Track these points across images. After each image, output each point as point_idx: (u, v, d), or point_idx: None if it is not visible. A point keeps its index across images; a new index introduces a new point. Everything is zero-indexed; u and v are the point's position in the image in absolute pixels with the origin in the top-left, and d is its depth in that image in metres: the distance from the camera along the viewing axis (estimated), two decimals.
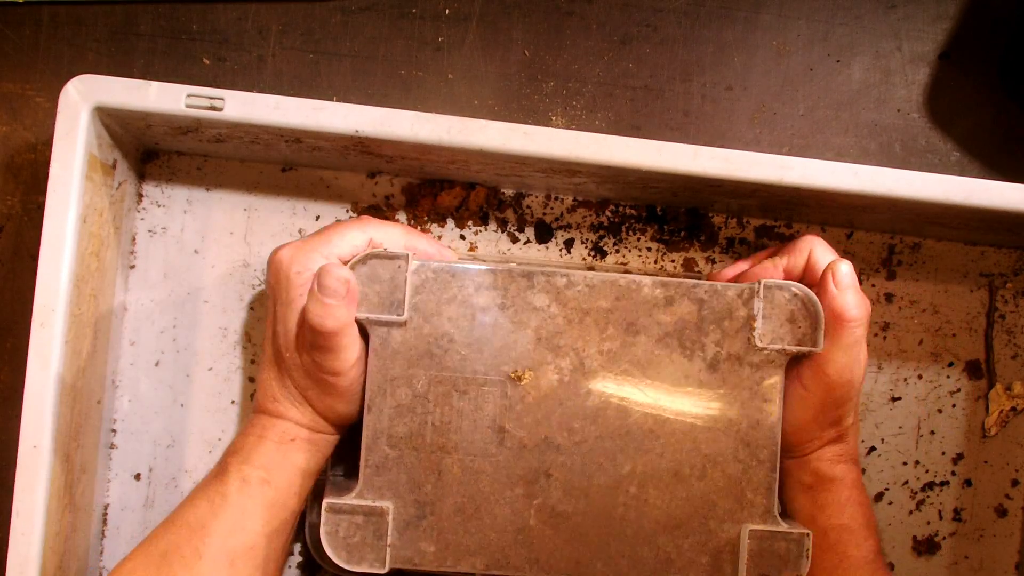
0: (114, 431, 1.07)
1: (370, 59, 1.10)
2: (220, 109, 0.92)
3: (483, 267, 0.92)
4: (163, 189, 1.07)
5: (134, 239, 1.07)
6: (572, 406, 0.92)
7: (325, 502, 0.90)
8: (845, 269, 0.91)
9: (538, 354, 0.92)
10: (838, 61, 1.13)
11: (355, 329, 0.89)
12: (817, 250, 0.95)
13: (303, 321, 0.89)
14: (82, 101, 0.91)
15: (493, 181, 1.07)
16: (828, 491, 0.97)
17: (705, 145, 0.94)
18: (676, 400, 0.93)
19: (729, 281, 1.00)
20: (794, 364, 0.95)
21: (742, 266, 1.02)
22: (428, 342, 0.91)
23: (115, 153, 0.98)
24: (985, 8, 1.13)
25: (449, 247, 1.03)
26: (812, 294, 0.93)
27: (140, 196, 1.07)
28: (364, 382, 0.92)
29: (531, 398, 0.92)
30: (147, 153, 1.07)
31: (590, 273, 0.93)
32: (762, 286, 0.93)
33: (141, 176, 1.07)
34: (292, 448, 0.94)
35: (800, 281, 0.96)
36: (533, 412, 0.92)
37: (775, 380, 0.94)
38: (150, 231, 1.07)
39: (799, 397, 0.95)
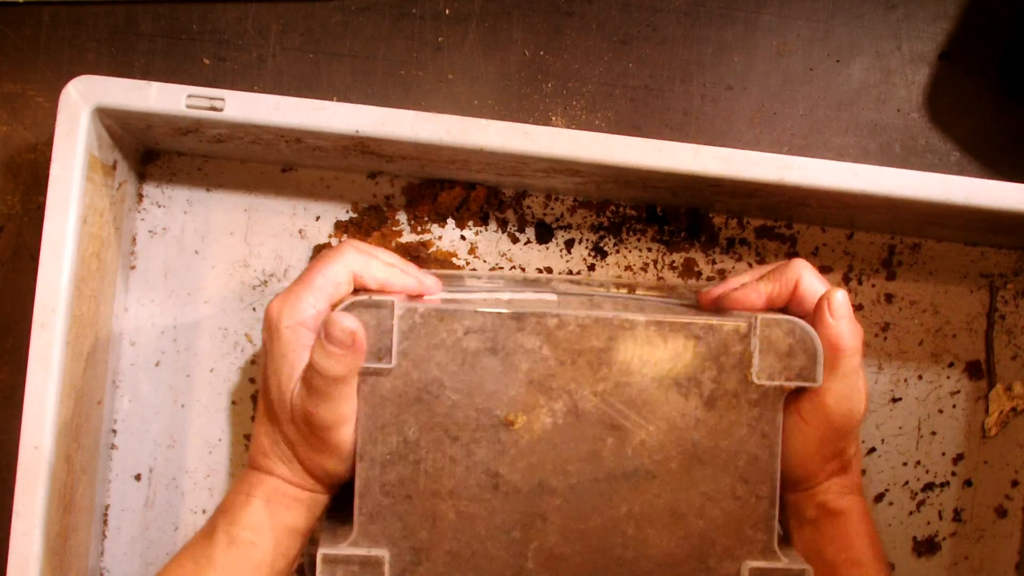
0: (114, 431, 1.07)
1: (370, 59, 1.10)
2: (220, 110, 0.92)
3: (471, 309, 0.89)
4: (163, 189, 1.07)
5: (134, 240, 1.07)
6: (567, 449, 0.90)
7: (320, 552, 0.89)
8: (841, 299, 0.90)
9: (531, 397, 0.90)
10: (838, 61, 1.13)
11: (355, 382, 0.88)
12: (806, 278, 0.94)
13: (301, 374, 0.88)
14: (83, 102, 0.91)
15: (494, 181, 1.07)
16: (836, 524, 0.95)
17: (705, 145, 0.94)
18: (673, 439, 0.91)
19: (713, 301, 0.99)
20: (792, 398, 0.93)
21: (732, 284, 0.99)
22: (418, 388, 0.89)
23: (115, 154, 0.98)
24: (985, 8, 1.13)
25: (433, 271, 1.01)
26: (810, 329, 0.91)
27: (140, 196, 1.07)
28: (355, 439, 0.90)
29: (524, 442, 0.90)
30: (147, 153, 1.07)
31: (582, 313, 0.91)
32: (759, 322, 0.91)
33: (141, 176, 1.07)
34: (280, 507, 0.92)
35: (784, 308, 0.96)
36: (527, 456, 0.90)
37: (773, 415, 0.92)
38: (150, 231, 1.07)
39: (799, 430, 0.93)
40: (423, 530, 0.90)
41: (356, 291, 0.93)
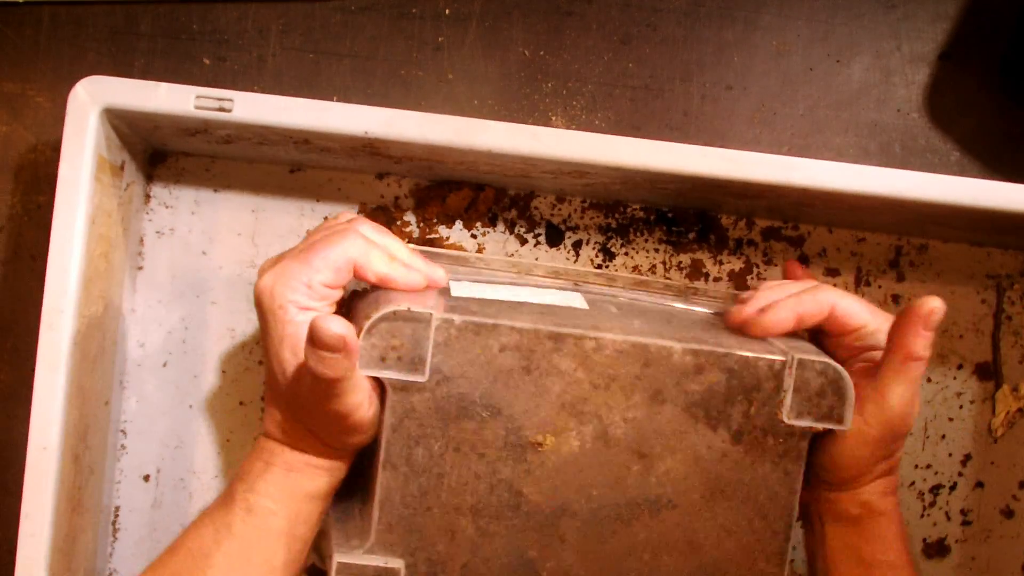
0: (122, 432, 1.07)
1: (370, 59, 1.10)
2: (229, 110, 0.92)
3: (508, 324, 0.87)
4: (171, 190, 1.07)
5: (142, 240, 1.07)
6: (592, 473, 0.89)
7: (336, 560, 0.87)
8: (940, 310, 0.88)
9: (561, 420, 0.88)
10: (838, 61, 1.13)
11: (357, 374, 0.84)
12: (842, 303, 0.93)
13: (301, 364, 0.86)
14: (91, 103, 0.91)
15: (501, 182, 1.07)
16: (877, 524, 0.95)
17: (705, 145, 0.94)
18: (697, 470, 0.90)
19: (742, 323, 0.95)
20: (857, 396, 0.91)
21: (760, 301, 0.95)
22: (448, 403, 0.87)
23: (123, 154, 0.98)
24: (985, 8, 1.14)
25: (441, 257, 0.99)
26: (844, 372, 0.89)
27: (148, 197, 1.07)
28: (377, 417, 0.88)
29: (551, 464, 0.89)
30: (155, 154, 1.07)
31: (619, 337, 0.88)
32: (795, 361, 0.89)
33: (149, 177, 1.07)
34: (302, 476, 0.91)
35: (816, 329, 0.96)
36: (552, 478, 0.89)
37: (798, 453, 0.91)
38: (158, 232, 1.07)
39: (858, 431, 0.90)
40: (440, 543, 0.89)
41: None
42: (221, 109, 0.92)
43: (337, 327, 0.79)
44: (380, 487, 0.88)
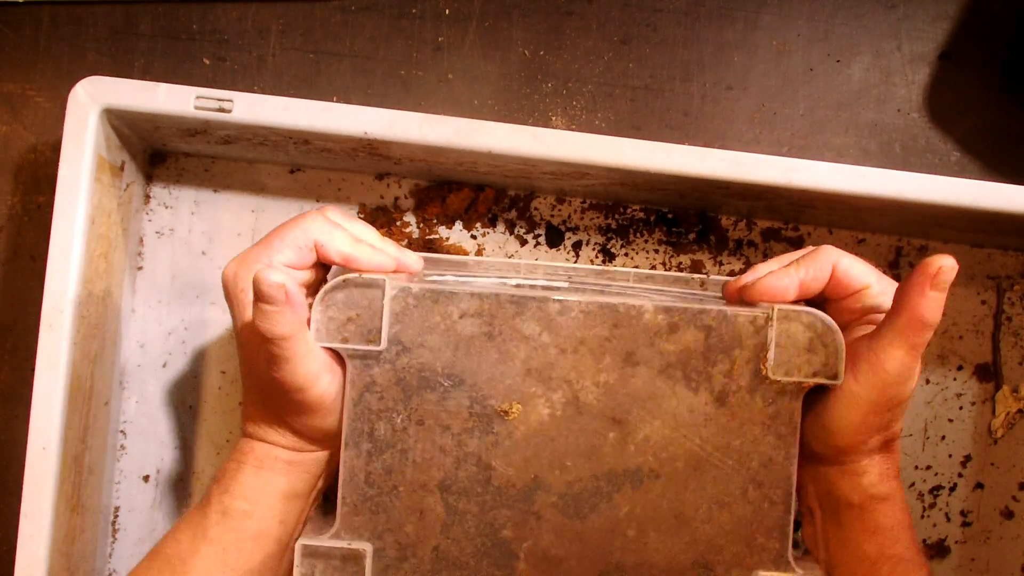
0: (122, 432, 1.07)
1: (370, 59, 1.10)
2: (229, 111, 0.92)
3: (467, 290, 0.85)
4: (171, 190, 1.07)
5: (142, 240, 1.07)
6: (564, 442, 0.86)
7: (299, 543, 0.86)
8: (951, 268, 0.82)
9: (527, 386, 0.86)
10: (838, 61, 1.13)
11: (308, 336, 0.83)
12: (843, 261, 0.88)
13: (259, 337, 0.83)
14: (91, 103, 0.91)
15: (501, 183, 1.07)
16: (879, 512, 0.89)
17: (705, 145, 0.95)
18: (679, 436, 0.86)
19: (739, 292, 0.91)
20: (851, 358, 0.86)
21: (760, 271, 0.91)
22: (408, 373, 0.85)
23: (123, 155, 0.98)
24: (985, 8, 1.14)
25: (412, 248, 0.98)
26: (832, 323, 0.85)
27: (148, 197, 1.07)
28: (340, 395, 0.87)
29: (520, 434, 0.86)
30: (155, 154, 1.07)
31: (585, 298, 0.86)
32: (775, 313, 0.85)
33: (149, 178, 1.07)
34: (272, 472, 0.89)
35: (820, 295, 0.90)
36: (522, 449, 0.86)
37: (790, 414, 0.86)
38: (158, 232, 1.07)
39: (850, 392, 0.85)
40: (409, 524, 0.86)
41: (318, 265, 0.90)
42: (221, 110, 0.92)
43: (277, 276, 0.78)
44: (343, 467, 0.86)
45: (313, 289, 0.92)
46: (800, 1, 1.13)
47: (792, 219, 1.10)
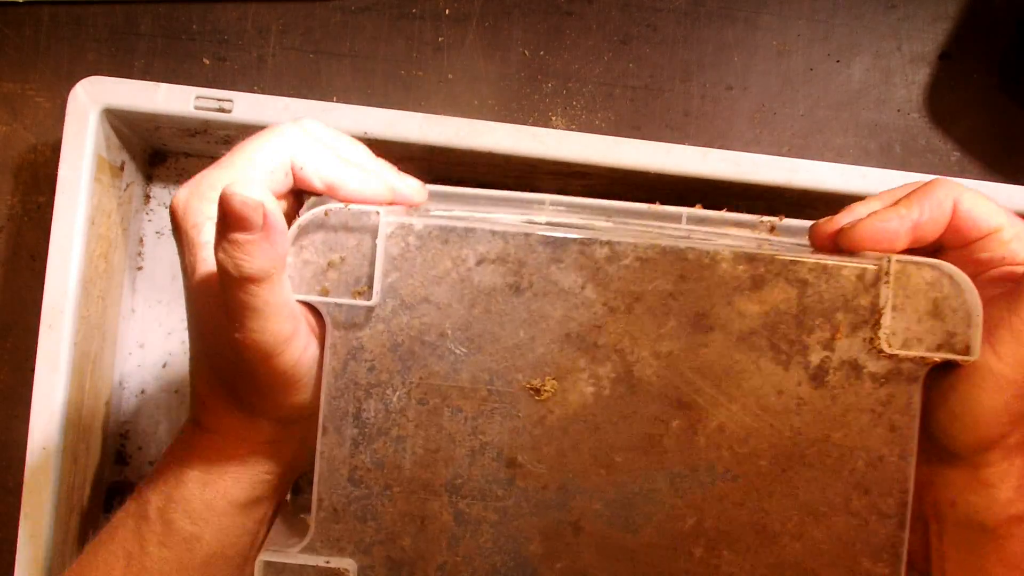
0: (122, 433, 1.06)
1: (370, 59, 1.10)
2: (229, 111, 0.92)
3: (487, 228, 0.66)
4: (171, 191, 1.07)
5: (141, 241, 1.07)
6: (613, 432, 0.67)
7: (260, 559, 0.67)
8: None
9: (566, 357, 0.66)
10: (838, 61, 1.13)
11: (286, 282, 0.63)
12: (967, 199, 0.68)
13: (215, 287, 0.63)
14: (91, 103, 0.91)
15: (501, 183, 1.07)
16: (1021, 540, 0.68)
17: (705, 145, 0.94)
18: (764, 425, 0.67)
19: (833, 236, 0.71)
20: (986, 325, 0.66)
21: (859, 211, 0.71)
22: (408, 337, 0.66)
23: (123, 155, 0.98)
24: (985, 8, 1.14)
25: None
26: (965, 278, 0.66)
27: (148, 198, 1.07)
28: (318, 363, 0.67)
29: (555, 419, 0.67)
30: (155, 155, 1.07)
31: (643, 241, 0.67)
32: (893, 265, 0.66)
33: (149, 178, 1.07)
34: (223, 479, 0.69)
35: (934, 244, 0.70)
36: (558, 439, 0.67)
37: (908, 400, 0.67)
38: (157, 233, 1.07)
39: (987, 370, 0.65)
40: (406, 536, 0.67)
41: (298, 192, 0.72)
42: (221, 110, 0.92)
43: (254, 190, 0.58)
44: (320, 458, 0.68)
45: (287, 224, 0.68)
46: (800, 1, 1.13)
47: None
